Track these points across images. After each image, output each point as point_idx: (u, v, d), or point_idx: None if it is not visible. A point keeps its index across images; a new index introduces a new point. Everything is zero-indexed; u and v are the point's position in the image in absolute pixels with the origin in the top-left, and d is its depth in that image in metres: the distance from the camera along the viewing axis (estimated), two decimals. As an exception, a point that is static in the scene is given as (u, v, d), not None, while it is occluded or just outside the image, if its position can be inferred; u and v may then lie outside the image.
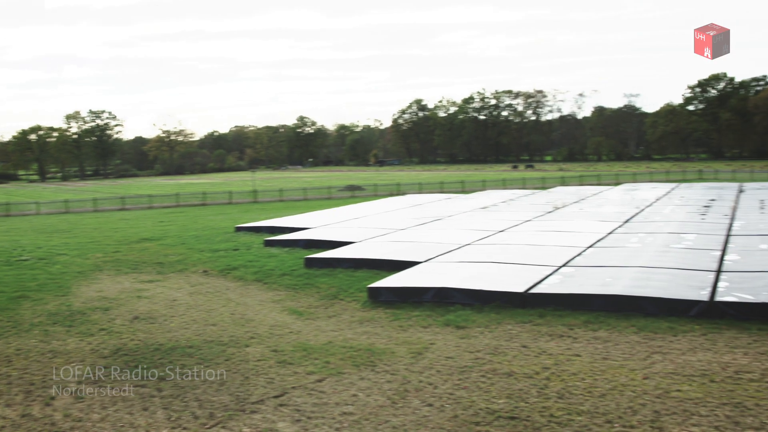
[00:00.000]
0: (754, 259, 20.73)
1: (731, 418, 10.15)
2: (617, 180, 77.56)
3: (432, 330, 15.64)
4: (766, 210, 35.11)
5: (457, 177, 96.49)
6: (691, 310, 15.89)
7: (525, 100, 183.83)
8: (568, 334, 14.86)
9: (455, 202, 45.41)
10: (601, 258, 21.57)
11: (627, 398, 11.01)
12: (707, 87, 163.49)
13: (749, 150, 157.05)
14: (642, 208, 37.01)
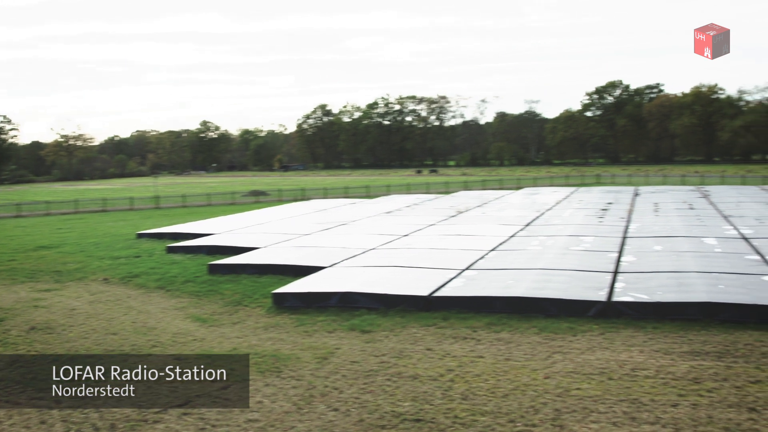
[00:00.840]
0: (648, 260, 21.44)
1: (628, 413, 10.48)
2: (519, 184, 79.05)
3: (337, 335, 15.66)
4: (660, 213, 36.33)
5: (361, 182, 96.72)
6: (590, 310, 16.34)
7: (429, 105, 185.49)
8: (472, 336, 15.08)
9: (360, 206, 45.52)
10: (503, 261, 21.95)
11: (529, 398, 11.24)
12: (604, 94, 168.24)
13: (644, 155, 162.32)
14: (542, 212, 37.80)
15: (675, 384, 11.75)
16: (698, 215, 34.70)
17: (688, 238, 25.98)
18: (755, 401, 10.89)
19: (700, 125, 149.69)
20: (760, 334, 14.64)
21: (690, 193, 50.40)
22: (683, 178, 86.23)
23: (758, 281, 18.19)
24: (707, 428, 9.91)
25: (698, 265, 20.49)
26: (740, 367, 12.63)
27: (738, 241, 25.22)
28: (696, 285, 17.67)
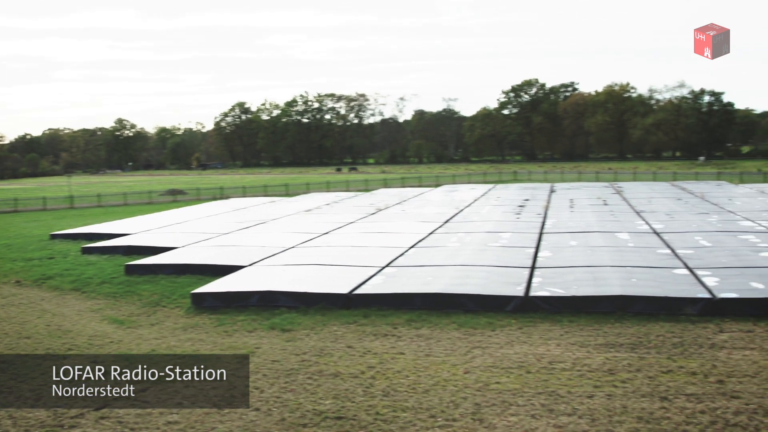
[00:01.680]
0: (564, 255, 21.88)
1: (546, 406, 10.69)
2: (437, 182, 79.67)
3: (257, 334, 15.56)
4: (575, 209, 37.08)
5: (281, 180, 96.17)
6: (508, 305, 16.60)
7: (348, 103, 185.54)
8: (392, 333, 15.16)
9: (279, 205, 45.29)
10: (422, 258, 22.11)
11: (449, 393, 11.36)
12: (520, 92, 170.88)
13: (559, 152, 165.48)
14: (461, 209, 38.18)
15: (591, 376, 12.02)
16: (612, 211, 35.51)
17: (603, 233, 26.59)
18: (667, 390, 11.23)
19: (613, 123, 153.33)
20: (671, 326, 15.09)
21: (604, 190, 51.53)
22: (597, 174, 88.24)
23: (669, 274, 18.74)
24: (622, 418, 10.17)
25: (612, 259, 21.00)
26: (652, 357, 13.00)
27: (650, 236, 25.91)
28: (610, 279, 18.12)
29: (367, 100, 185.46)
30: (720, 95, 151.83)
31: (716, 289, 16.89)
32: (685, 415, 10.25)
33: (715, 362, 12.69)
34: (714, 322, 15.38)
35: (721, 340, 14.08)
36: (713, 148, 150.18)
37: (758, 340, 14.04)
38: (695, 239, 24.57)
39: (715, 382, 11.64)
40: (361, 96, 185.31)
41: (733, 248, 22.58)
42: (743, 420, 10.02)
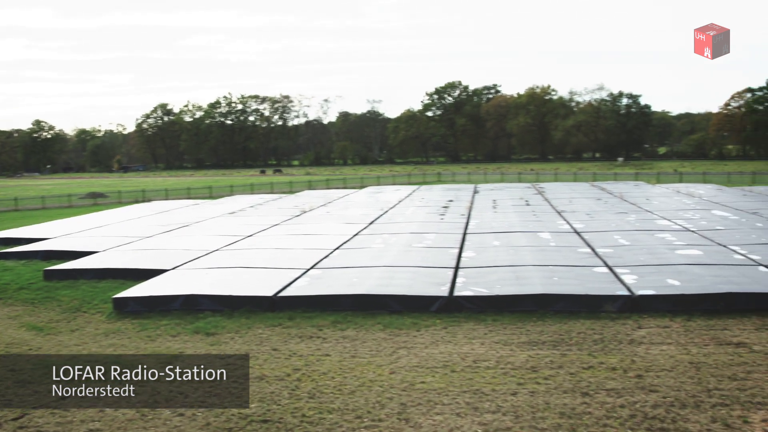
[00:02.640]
0: (487, 255, 22.14)
1: (471, 404, 10.82)
2: (362, 183, 79.82)
3: (181, 338, 15.37)
4: (498, 209, 37.54)
5: (204, 182, 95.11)
6: (433, 305, 16.74)
7: (272, 105, 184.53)
8: (318, 334, 15.15)
9: (203, 207, 44.76)
10: (347, 259, 22.12)
11: (375, 393, 11.40)
12: (444, 94, 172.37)
13: (482, 153, 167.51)
14: (386, 210, 38.30)
15: (514, 373, 12.21)
16: (534, 211, 36.05)
17: (525, 233, 26.98)
18: (588, 386, 11.47)
19: (534, 125, 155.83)
20: (592, 323, 15.42)
21: (526, 190, 52.28)
22: (520, 175, 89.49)
23: (589, 273, 19.13)
24: (544, 414, 10.36)
25: (534, 258, 21.33)
26: (574, 354, 13.27)
27: (571, 235, 26.40)
28: (532, 278, 18.40)
29: (291, 102, 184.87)
30: (637, 98, 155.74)
31: (634, 286, 17.32)
32: (606, 409, 10.49)
33: (634, 357, 13.02)
34: (633, 318, 15.78)
35: (639, 336, 14.44)
36: (631, 149, 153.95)
37: (675, 335, 14.45)
38: (614, 238, 25.13)
39: (634, 376, 11.94)
40: (285, 98, 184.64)
41: (651, 246, 23.15)
42: (661, 413, 10.30)
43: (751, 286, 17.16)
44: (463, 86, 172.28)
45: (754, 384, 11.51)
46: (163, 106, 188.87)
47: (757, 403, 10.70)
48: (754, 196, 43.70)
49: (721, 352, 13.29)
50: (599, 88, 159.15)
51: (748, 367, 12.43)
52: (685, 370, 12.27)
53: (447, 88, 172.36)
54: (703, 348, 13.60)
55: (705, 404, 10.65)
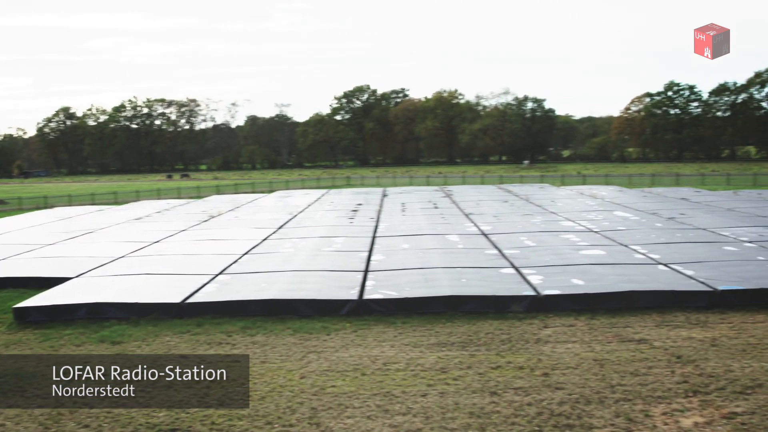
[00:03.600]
0: (397, 258, 22.27)
1: (381, 406, 10.86)
2: (271, 187, 79.28)
3: (86, 348, 15.00)
4: (407, 212, 37.80)
5: (109, 188, 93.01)
6: (343, 308, 16.75)
7: (178, 109, 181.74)
8: (227, 341, 14.98)
9: (108, 213, 43.75)
10: (256, 264, 21.95)
11: (285, 398, 11.34)
12: (352, 98, 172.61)
13: (391, 157, 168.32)
14: (295, 214, 38.15)
15: (424, 375, 12.30)
16: (442, 214, 36.43)
17: (434, 236, 27.24)
18: (496, 385, 11.65)
19: (442, 128, 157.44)
20: (500, 323, 15.67)
21: (434, 193, 52.78)
22: (428, 178, 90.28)
23: (497, 274, 19.43)
24: (454, 414, 10.47)
25: (443, 260, 21.55)
26: (482, 354, 13.45)
27: (478, 237, 26.76)
28: (441, 280, 18.59)
29: (198, 106, 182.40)
30: (542, 102, 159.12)
31: (540, 286, 17.67)
32: (514, 408, 10.68)
33: (541, 356, 13.28)
34: (539, 318, 16.10)
35: (545, 335, 14.74)
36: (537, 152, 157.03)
37: (579, 334, 14.80)
38: (521, 239, 25.59)
39: (540, 375, 12.18)
40: (192, 101, 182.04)
41: (556, 247, 23.66)
42: (567, 410, 10.54)
43: (652, 284, 17.72)
44: (372, 90, 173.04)
45: (654, 379, 11.89)
46: (66, 110, 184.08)
47: (657, 397, 11.04)
48: (653, 197, 45.11)
49: (623, 349, 13.67)
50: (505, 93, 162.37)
51: (649, 362, 12.82)
52: (589, 367, 12.58)
53: (355, 92, 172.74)
54: (606, 345, 13.97)
55: (609, 400, 10.94)
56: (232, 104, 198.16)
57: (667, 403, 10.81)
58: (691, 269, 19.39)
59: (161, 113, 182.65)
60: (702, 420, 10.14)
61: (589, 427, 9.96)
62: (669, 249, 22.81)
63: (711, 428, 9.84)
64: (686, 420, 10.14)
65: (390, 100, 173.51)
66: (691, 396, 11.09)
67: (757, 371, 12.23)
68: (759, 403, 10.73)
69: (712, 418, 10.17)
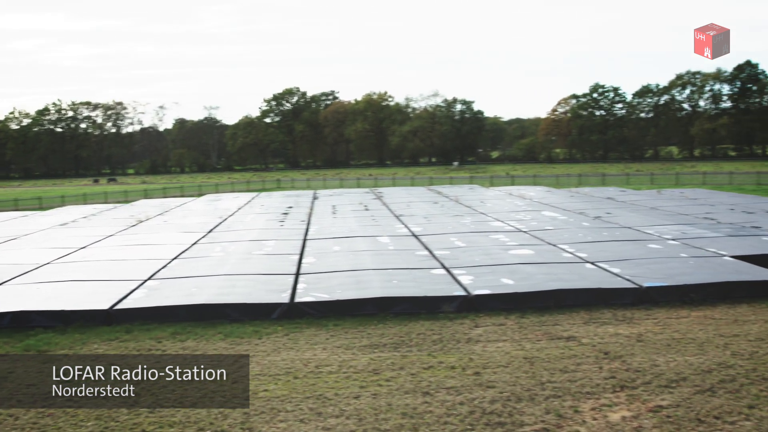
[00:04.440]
0: (328, 261, 22.25)
1: (314, 409, 10.85)
2: (200, 191, 78.52)
3: (10, 358, 14.61)
4: (338, 215, 37.79)
5: (33, 193, 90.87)
6: (274, 312, 16.68)
7: (104, 112, 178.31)
8: (156, 347, 14.78)
9: (32, 219, 42.71)
10: (186, 269, 21.70)
11: (217, 403, 11.22)
12: (282, 100, 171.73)
13: (322, 160, 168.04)
14: (225, 218, 37.82)
15: (356, 377, 12.32)
16: (373, 216, 36.51)
17: (365, 238, 27.29)
18: (428, 385, 11.73)
19: (372, 131, 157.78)
20: (431, 323, 15.79)
21: (365, 195, 52.84)
22: (359, 180, 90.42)
23: (428, 275, 19.55)
24: (387, 415, 10.51)
25: (374, 262, 21.60)
26: (414, 355, 13.53)
27: (409, 239, 26.90)
28: (372, 282, 18.64)
29: (125, 109, 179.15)
30: (471, 104, 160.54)
31: (471, 286, 17.85)
32: (446, 407, 10.76)
33: (472, 356, 13.41)
34: (470, 317, 16.27)
35: (476, 335, 14.89)
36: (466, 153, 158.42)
37: (509, 332, 15.00)
38: (451, 240, 25.80)
39: (472, 374, 12.31)
40: (119, 104, 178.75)
41: (485, 247, 23.92)
42: (498, 407, 10.66)
43: (579, 282, 18.06)
44: (302, 92, 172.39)
45: (583, 375, 12.11)
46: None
47: (586, 393, 11.25)
48: (580, 197, 45.93)
49: (552, 347, 13.90)
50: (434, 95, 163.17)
51: (578, 359, 13.06)
52: (520, 365, 12.76)
53: (285, 94, 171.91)
54: (536, 343, 14.17)
55: (539, 397, 11.10)
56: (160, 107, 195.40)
57: (596, 398, 11.02)
58: (617, 267, 19.81)
59: (87, 116, 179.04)
60: (629, 414, 10.36)
61: (520, 424, 10.09)
62: (596, 247, 23.26)
63: (638, 422, 10.06)
64: (614, 414, 10.35)
65: (320, 102, 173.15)
66: (619, 391, 11.32)
67: (681, 365, 12.56)
68: (683, 396, 11.01)
69: (639, 412, 10.40)
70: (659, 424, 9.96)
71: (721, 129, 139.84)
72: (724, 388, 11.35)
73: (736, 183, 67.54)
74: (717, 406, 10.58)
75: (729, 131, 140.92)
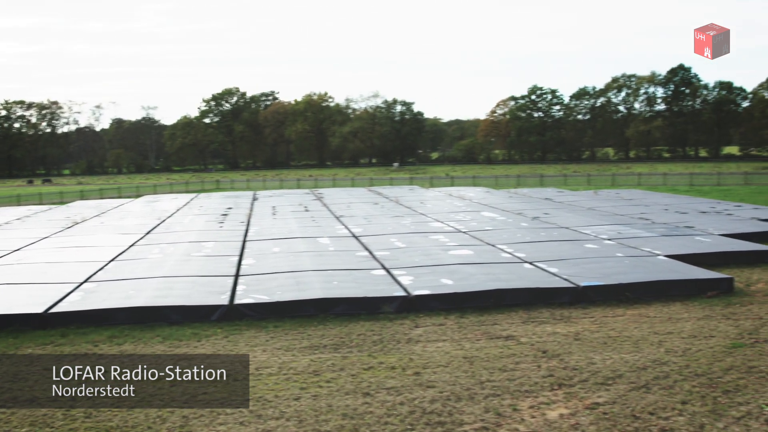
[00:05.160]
0: (268, 262, 22.14)
1: (254, 412, 10.82)
2: (138, 192, 77.48)
3: (-60, 363, 14.26)
4: (278, 216, 37.64)
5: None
6: (213, 314, 16.54)
7: (39, 111, 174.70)
8: (93, 351, 14.55)
9: (-37, 222, 41.70)
10: (123, 271, 21.39)
11: (156, 407, 11.09)
12: (221, 101, 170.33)
13: (261, 160, 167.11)
14: (163, 219, 37.40)
15: (297, 378, 12.28)
16: (313, 217, 36.45)
17: (305, 239, 27.22)
18: (369, 386, 11.75)
19: (312, 131, 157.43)
20: (371, 324, 15.82)
21: (305, 196, 52.73)
22: (299, 181, 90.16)
23: (368, 275, 19.59)
24: (327, 416, 10.50)
25: (314, 263, 21.56)
26: (354, 356, 13.54)
27: (349, 240, 26.91)
28: (312, 283, 18.60)
29: (60, 108, 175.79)
30: (411, 105, 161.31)
31: (411, 287, 17.93)
32: (386, 408, 10.79)
33: (412, 356, 13.47)
34: (410, 318, 16.34)
35: (416, 335, 14.96)
36: (406, 154, 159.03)
37: (449, 332, 15.11)
38: (391, 241, 25.88)
39: (412, 374, 12.36)
40: (54, 103, 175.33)
41: (425, 248, 24.05)
42: (438, 407, 10.73)
43: (518, 282, 18.26)
44: (241, 93, 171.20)
45: (522, 374, 12.25)
46: None
47: (525, 391, 11.38)
48: (519, 197, 46.49)
49: (492, 346, 14.03)
50: (374, 96, 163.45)
51: (517, 358, 13.21)
52: (459, 364, 12.85)
53: (224, 94, 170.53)
54: (475, 343, 14.30)
55: (478, 396, 11.20)
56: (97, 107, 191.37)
57: (534, 396, 11.16)
58: (555, 267, 20.09)
59: (20, 116, 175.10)
60: (567, 411, 10.51)
61: (459, 423, 10.17)
62: (534, 248, 23.55)
63: (575, 419, 10.21)
64: (552, 412, 10.49)
65: (260, 102, 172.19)
66: (557, 389, 11.48)
67: (617, 363, 12.78)
68: (619, 392, 11.21)
69: (576, 409, 10.56)
70: (596, 421, 10.12)
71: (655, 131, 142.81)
72: (659, 384, 11.58)
73: (670, 184, 68.99)
74: (651, 402, 10.79)
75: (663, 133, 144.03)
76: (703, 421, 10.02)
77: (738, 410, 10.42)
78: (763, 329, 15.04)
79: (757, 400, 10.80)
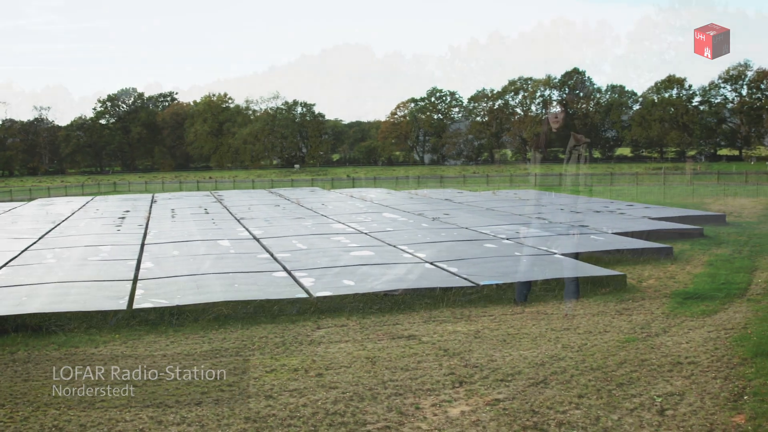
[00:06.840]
0: (167, 266, 21.80)
1: (154, 418, 10.60)
2: (31, 195, 75.14)
3: None
4: (177, 218, 37.08)
5: None
6: (111, 320, 16.18)
7: None
8: (-16, 359, 14.07)
9: None
10: (16, 277, 20.72)
11: (51, 417, 10.85)
12: (117, 101, 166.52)
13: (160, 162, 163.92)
14: (58, 223, 36.40)
15: (198, 383, 12.12)
16: (213, 219, 36.07)
17: (205, 242, 26.90)
18: (271, 389, 11.71)
19: (212, 133, 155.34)
20: (273, 326, 15.78)
21: (205, 198, 52.15)
22: (199, 183, 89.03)
23: (269, 278, 19.50)
24: (230, 420, 10.41)
25: (215, 266, 21.34)
26: (256, 359, 13.46)
27: (250, 242, 26.73)
28: (213, 286, 18.41)
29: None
30: (312, 106, 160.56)
31: (313, 288, 17.93)
32: (289, 410, 10.76)
33: (315, 357, 13.47)
34: (312, 319, 16.35)
35: (319, 336, 14.98)
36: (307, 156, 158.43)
37: (351, 333, 15.18)
38: (292, 243, 25.81)
39: (314, 375, 12.36)
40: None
41: (327, 249, 24.08)
42: (341, 408, 10.76)
43: (419, 282, 18.48)
44: (138, 93, 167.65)
45: (423, 373, 12.39)
46: None
47: (426, 390, 11.52)
48: (419, 198, 47.00)
49: (394, 346, 14.15)
50: (275, 97, 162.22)
51: (418, 357, 13.35)
52: (362, 365, 12.92)
53: (121, 95, 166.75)
54: (377, 343, 14.40)
55: (381, 395, 11.28)
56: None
57: (436, 394, 11.30)
58: (455, 266, 20.39)
59: None
60: (468, 408, 10.68)
61: (363, 423, 10.22)
62: (434, 248, 23.85)
63: (476, 416, 10.39)
64: (453, 410, 10.65)
65: (158, 103, 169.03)
66: (458, 387, 11.66)
67: (516, 359, 13.06)
68: (519, 388, 11.46)
69: (477, 406, 10.74)
70: (496, 417, 10.32)
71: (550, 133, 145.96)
72: (556, 379, 11.89)
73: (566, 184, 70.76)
74: (550, 396, 11.07)
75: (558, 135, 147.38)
76: (599, 414, 10.33)
77: (631, 402, 10.79)
78: (654, 324, 15.61)
79: (649, 392, 11.20)
